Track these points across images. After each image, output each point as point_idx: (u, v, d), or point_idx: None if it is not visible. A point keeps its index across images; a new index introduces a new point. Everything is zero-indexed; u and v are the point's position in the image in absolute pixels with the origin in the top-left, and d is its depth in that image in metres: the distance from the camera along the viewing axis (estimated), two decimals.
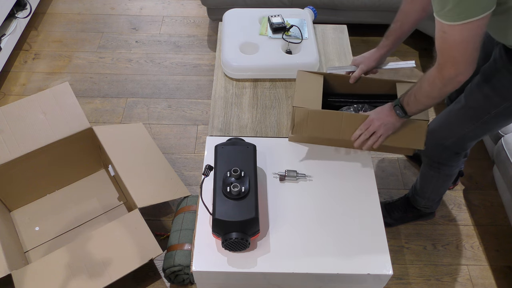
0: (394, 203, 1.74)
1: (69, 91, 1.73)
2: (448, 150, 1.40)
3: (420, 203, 1.66)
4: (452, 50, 0.96)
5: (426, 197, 1.63)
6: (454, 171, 1.49)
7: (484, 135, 1.35)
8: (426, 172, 1.53)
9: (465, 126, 1.30)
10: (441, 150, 1.41)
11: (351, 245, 1.11)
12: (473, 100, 1.24)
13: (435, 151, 1.43)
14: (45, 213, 1.74)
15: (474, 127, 1.28)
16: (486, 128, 1.28)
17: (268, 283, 1.13)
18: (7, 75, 2.29)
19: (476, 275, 1.65)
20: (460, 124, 1.31)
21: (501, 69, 1.14)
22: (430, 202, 1.65)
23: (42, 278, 1.36)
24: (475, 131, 1.30)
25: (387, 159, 1.98)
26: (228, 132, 1.35)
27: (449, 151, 1.40)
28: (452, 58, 0.97)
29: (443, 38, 0.95)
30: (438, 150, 1.42)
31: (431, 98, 1.08)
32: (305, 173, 1.23)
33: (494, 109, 1.20)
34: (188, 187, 1.86)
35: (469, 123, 1.28)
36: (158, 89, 2.25)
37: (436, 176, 1.51)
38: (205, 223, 1.14)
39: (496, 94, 1.17)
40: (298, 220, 1.15)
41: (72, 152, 1.71)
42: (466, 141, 1.35)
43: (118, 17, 2.63)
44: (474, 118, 1.26)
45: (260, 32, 1.58)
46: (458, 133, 1.33)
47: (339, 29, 1.69)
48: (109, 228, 1.47)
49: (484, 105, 1.21)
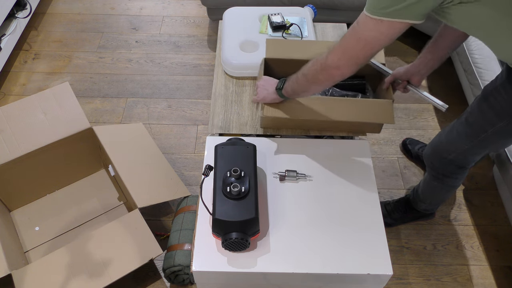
0: (394, 203, 1.74)
1: (69, 91, 1.72)
2: (452, 164, 1.39)
3: (421, 206, 1.66)
4: (351, 41, 0.95)
5: (427, 203, 1.63)
6: (458, 183, 1.49)
7: (485, 153, 1.33)
8: (430, 182, 1.53)
9: (464, 142, 1.29)
10: (445, 163, 1.41)
11: (351, 245, 1.11)
12: (471, 117, 1.24)
13: (440, 164, 1.43)
14: (45, 213, 1.74)
15: (473, 144, 1.27)
16: (484, 146, 1.27)
17: (268, 283, 1.13)
18: (7, 75, 2.29)
19: (476, 275, 1.65)
20: (460, 140, 1.31)
21: (499, 87, 1.13)
22: (431, 206, 1.66)
23: (42, 278, 1.36)
24: (473, 149, 1.29)
25: (387, 159, 1.98)
26: (228, 129, 1.35)
27: (453, 165, 1.40)
28: (344, 48, 0.97)
29: (353, 28, 0.94)
30: (442, 163, 1.42)
31: (305, 79, 1.10)
32: (305, 173, 1.23)
33: (490, 127, 1.18)
34: (188, 187, 1.86)
35: (468, 140, 1.28)
36: (158, 89, 2.25)
37: (440, 186, 1.50)
38: (205, 223, 1.14)
39: (492, 112, 1.16)
40: (298, 220, 1.15)
41: (72, 152, 1.71)
42: (467, 156, 1.34)
43: (118, 17, 2.63)
44: (472, 136, 1.25)
45: (260, 30, 1.58)
46: (460, 148, 1.32)
47: (339, 28, 1.69)
48: (109, 228, 1.47)
49: (481, 122, 1.20)
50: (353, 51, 0.96)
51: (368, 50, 0.94)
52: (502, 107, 1.13)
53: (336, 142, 1.33)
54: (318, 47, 1.41)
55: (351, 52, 0.96)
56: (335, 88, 1.35)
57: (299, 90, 1.16)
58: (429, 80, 2.29)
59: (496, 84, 1.14)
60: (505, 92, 1.11)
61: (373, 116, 1.25)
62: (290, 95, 1.20)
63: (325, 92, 1.34)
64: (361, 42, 0.93)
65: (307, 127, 1.34)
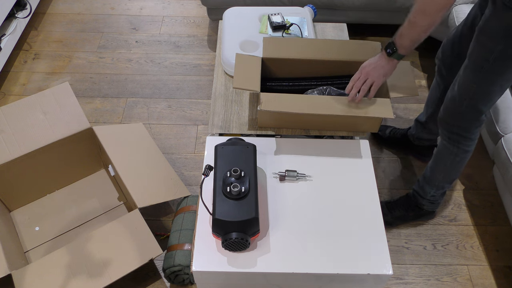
0: (395, 201, 1.74)
1: (69, 91, 1.73)
2: (464, 117, 1.40)
3: (428, 193, 1.64)
4: None
5: (436, 184, 1.61)
6: (471, 147, 1.49)
7: (493, 92, 1.34)
8: (444, 150, 1.52)
9: (471, 81, 1.31)
10: (459, 118, 1.41)
11: (351, 245, 1.11)
12: (472, 53, 1.28)
13: (454, 121, 1.43)
14: (45, 213, 1.74)
15: (479, 79, 1.29)
16: (489, 80, 1.29)
17: (268, 283, 1.13)
18: (7, 75, 2.29)
19: (476, 275, 1.65)
20: (466, 81, 1.33)
21: (490, 17, 1.20)
22: (439, 190, 1.63)
23: (42, 278, 1.36)
24: (481, 86, 1.31)
25: (387, 159, 1.98)
26: (228, 129, 1.35)
27: (466, 119, 1.40)
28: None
29: None
30: (456, 119, 1.42)
31: (426, 13, 1.10)
32: (305, 173, 1.23)
33: (490, 54, 1.23)
34: (188, 187, 1.86)
35: (473, 76, 1.30)
36: (158, 89, 2.25)
37: (454, 152, 1.49)
38: (205, 223, 1.14)
39: (488, 39, 1.21)
40: (298, 220, 1.15)
41: (72, 152, 1.71)
42: (477, 102, 1.35)
43: (118, 17, 2.63)
44: (476, 70, 1.28)
45: (260, 30, 1.58)
46: (468, 93, 1.34)
47: (339, 28, 1.69)
48: (109, 228, 1.47)
49: (481, 53, 1.25)
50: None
51: None
52: (498, 32, 1.19)
53: (336, 142, 1.33)
54: (316, 45, 1.41)
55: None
56: (333, 87, 1.35)
57: (420, 32, 1.16)
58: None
59: (487, 16, 1.21)
60: (496, 18, 1.18)
61: (371, 111, 1.25)
62: (409, 48, 1.20)
63: (322, 92, 1.34)
64: None
65: (307, 127, 1.34)
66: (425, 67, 2.36)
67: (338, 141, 1.33)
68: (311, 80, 1.41)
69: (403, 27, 1.17)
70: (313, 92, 1.35)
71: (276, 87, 1.40)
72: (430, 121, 1.78)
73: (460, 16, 1.95)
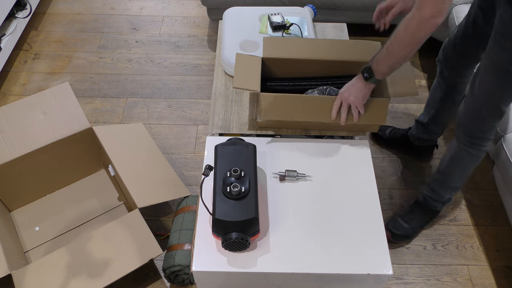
0: (410, 212, 1.72)
1: (69, 91, 1.73)
2: (486, 120, 1.39)
3: (444, 196, 1.63)
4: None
5: (451, 187, 1.60)
6: (489, 146, 1.48)
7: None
8: (463, 154, 1.49)
9: (494, 85, 1.29)
10: (481, 122, 1.40)
11: (351, 245, 1.11)
12: (493, 56, 1.26)
13: (476, 125, 1.42)
14: (45, 213, 1.74)
15: (504, 83, 1.27)
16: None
17: (268, 283, 1.13)
18: (7, 75, 2.29)
19: (476, 275, 1.65)
20: (489, 85, 1.31)
21: (507, 20, 1.18)
22: (454, 191, 1.62)
23: (42, 278, 1.36)
24: (506, 88, 1.29)
25: (387, 159, 1.98)
26: (228, 129, 1.35)
27: (488, 121, 1.39)
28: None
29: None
30: (478, 123, 1.41)
31: (403, 45, 1.10)
32: (305, 173, 1.23)
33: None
34: (188, 187, 1.86)
35: (497, 80, 1.28)
36: (158, 89, 2.25)
37: (475, 154, 1.48)
38: (205, 223, 1.14)
39: (508, 42, 1.19)
40: (298, 220, 1.15)
41: (72, 152, 1.71)
42: (500, 103, 1.34)
43: (118, 17, 2.63)
44: (501, 73, 1.25)
45: (260, 30, 1.58)
46: (490, 97, 1.32)
47: (339, 27, 1.69)
48: (109, 228, 1.47)
49: (506, 56, 1.22)
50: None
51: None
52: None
53: (336, 142, 1.33)
54: (316, 45, 1.41)
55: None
56: (333, 87, 1.35)
57: (396, 61, 1.16)
58: None
59: (505, 18, 1.18)
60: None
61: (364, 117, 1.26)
62: (386, 74, 1.20)
63: (322, 92, 1.34)
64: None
65: (307, 127, 1.34)
66: (425, 67, 2.37)
67: (338, 141, 1.33)
68: (311, 80, 1.41)
69: (380, 54, 1.16)
70: (313, 92, 1.35)
71: (276, 87, 1.40)
72: (432, 122, 1.77)
73: (460, 16, 1.95)
